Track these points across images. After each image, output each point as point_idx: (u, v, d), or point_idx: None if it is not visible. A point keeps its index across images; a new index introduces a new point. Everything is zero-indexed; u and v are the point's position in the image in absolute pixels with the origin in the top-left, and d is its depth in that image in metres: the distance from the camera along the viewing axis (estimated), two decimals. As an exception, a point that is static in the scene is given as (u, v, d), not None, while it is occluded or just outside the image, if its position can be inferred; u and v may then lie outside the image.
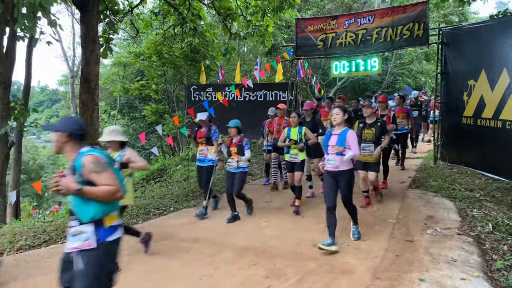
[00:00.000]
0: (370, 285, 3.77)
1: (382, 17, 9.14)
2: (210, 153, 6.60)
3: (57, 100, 61.78)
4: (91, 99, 7.98)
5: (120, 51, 20.86)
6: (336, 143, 4.79)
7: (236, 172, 6.22)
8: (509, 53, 6.94)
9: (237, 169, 6.20)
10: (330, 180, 4.86)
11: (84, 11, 7.91)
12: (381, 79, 22.87)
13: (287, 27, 17.97)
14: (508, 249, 4.37)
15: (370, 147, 6.12)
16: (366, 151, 6.10)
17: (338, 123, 4.88)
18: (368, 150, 6.12)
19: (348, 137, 4.77)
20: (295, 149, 6.41)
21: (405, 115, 9.03)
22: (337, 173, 4.79)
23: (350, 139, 4.76)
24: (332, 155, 4.83)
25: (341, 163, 4.75)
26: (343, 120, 4.87)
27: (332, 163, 4.81)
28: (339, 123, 4.87)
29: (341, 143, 4.75)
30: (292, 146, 6.41)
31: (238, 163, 6.18)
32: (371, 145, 6.12)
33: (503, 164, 7.06)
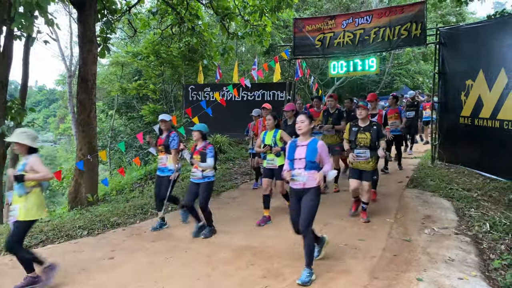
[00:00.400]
0: (368, 284, 3.77)
1: (380, 17, 9.16)
2: (169, 162, 5.98)
3: (54, 99, 61.65)
4: (88, 99, 7.97)
5: (117, 51, 20.82)
6: (305, 156, 4.09)
7: (201, 182, 5.51)
8: (507, 53, 6.97)
9: (202, 179, 5.49)
10: (295, 201, 4.16)
11: (82, 11, 7.91)
12: (379, 79, 22.88)
13: (285, 27, 17.99)
14: (506, 248, 4.38)
15: (366, 153, 5.53)
16: (361, 158, 5.55)
17: (303, 133, 4.21)
18: (363, 157, 5.55)
19: (320, 149, 4.09)
20: (272, 154, 5.98)
21: (398, 115, 8.92)
22: (302, 191, 4.08)
23: (323, 150, 4.10)
24: (299, 169, 4.09)
25: (309, 179, 4.03)
26: (309, 129, 4.25)
27: (299, 179, 4.07)
28: (305, 132, 4.20)
29: (312, 156, 4.07)
30: (268, 151, 6.00)
31: (203, 172, 5.49)
32: (367, 151, 5.53)
33: (501, 163, 7.08)
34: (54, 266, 4.19)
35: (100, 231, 6.02)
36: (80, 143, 7.97)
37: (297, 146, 4.22)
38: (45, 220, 6.94)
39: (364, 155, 5.56)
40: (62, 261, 4.60)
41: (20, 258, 4.05)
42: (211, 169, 5.52)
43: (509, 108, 6.82)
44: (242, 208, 6.92)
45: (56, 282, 4.22)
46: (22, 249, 4.13)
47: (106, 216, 6.54)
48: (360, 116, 5.62)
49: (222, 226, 5.89)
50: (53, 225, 6.23)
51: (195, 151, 5.54)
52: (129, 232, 5.89)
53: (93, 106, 8.16)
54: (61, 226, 6.13)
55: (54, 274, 4.15)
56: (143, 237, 5.65)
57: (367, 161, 5.57)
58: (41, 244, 5.61)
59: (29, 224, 4.18)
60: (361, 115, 5.62)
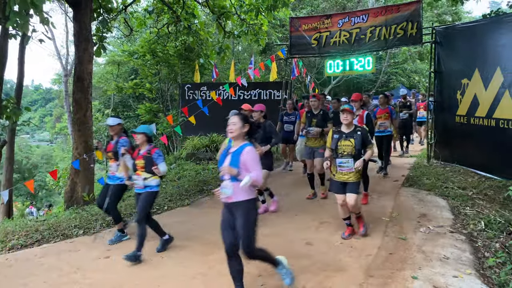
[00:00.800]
0: (363, 282, 3.78)
1: (376, 16, 9.18)
2: (119, 171, 5.41)
3: (50, 99, 61.49)
4: (84, 98, 7.95)
5: (113, 50, 20.78)
6: (229, 163, 3.55)
7: (142, 192, 4.89)
8: (502, 52, 6.99)
9: (143, 188, 4.86)
10: (226, 215, 3.65)
11: (77, 9, 7.88)
12: (375, 78, 22.97)
13: (281, 26, 18.00)
14: (500, 246, 4.40)
15: (349, 162, 4.82)
16: (344, 168, 4.87)
17: (235, 137, 3.62)
18: (346, 167, 4.86)
19: (245, 155, 3.50)
20: None
21: (388, 115, 8.36)
22: (231, 205, 3.58)
23: (248, 157, 3.49)
24: (226, 181, 3.57)
25: (236, 192, 3.50)
26: (241, 133, 3.62)
27: (225, 192, 3.55)
28: (236, 136, 3.62)
29: (234, 164, 3.52)
30: None
31: (145, 181, 4.85)
32: (350, 160, 4.82)
33: (496, 162, 7.12)
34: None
35: (96, 230, 6.01)
36: (76, 142, 7.94)
37: (228, 153, 3.68)
38: (41, 219, 6.94)
39: (347, 165, 4.85)
40: (58, 260, 4.60)
41: None
42: (156, 178, 4.90)
43: (505, 107, 6.84)
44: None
45: (52, 281, 4.22)
46: None
47: (102, 215, 6.52)
48: (345, 122, 4.90)
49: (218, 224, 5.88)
50: (49, 224, 6.21)
51: (138, 156, 4.93)
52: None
53: (89, 105, 8.13)
54: (57, 225, 6.12)
55: None
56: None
57: (350, 172, 4.86)
58: (37, 243, 5.60)
59: None
60: (346, 119, 4.88)
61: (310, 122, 6.91)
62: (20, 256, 5.18)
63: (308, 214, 6.08)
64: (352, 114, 4.91)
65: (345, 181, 4.89)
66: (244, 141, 3.66)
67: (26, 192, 23.61)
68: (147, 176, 4.84)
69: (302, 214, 6.14)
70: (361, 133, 4.87)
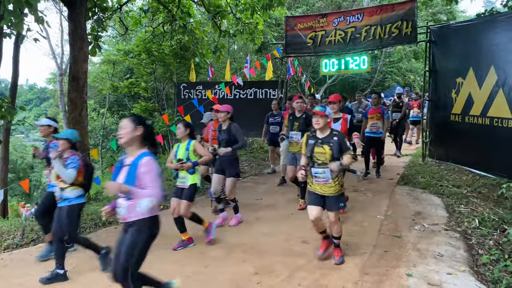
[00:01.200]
0: (359, 280, 3.80)
1: (371, 15, 9.21)
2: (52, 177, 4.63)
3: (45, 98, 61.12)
4: (79, 97, 7.92)
5: (109, 49, 20.70)
6: (124, 178, 2.98)
7: (61, 206, 4.29)
8: (496, 51, 7.04)
9: (62, 201, 4.28)
10: (120, 238, 3.19)
11: (72, 8, 7.84)
12: (370, 77, 23.02)
13: (277, 25, 17.99)
14: (494, 244, 4.44)
15: (325, 173, 4.08)
16: (320, 179, 4.12)
17: (126, 143, 3.05)
18: (322, 178, 4.11)
19: (141, 168, 2.94)
20: (184, 171, 4.92)
21: (380, 116, 7.94)
22: (126, 226, 3.10)
23: (145, 170, 2.93)
24: (121, 199, 3.05)
25: (130, 211, 3.01)
26: (133, 138, 3.06)
27: (120, 211, 3.08)
28: (128, 142, 3.05)
29: (129, 180, 2.94)
30: (180, 168, 4.93)
31: (62, 192, 4.26)
32: (326, 170, 4.08)
33: (491, 161, 7.16)
34: None
35: (92, 230, 6.01)
36: (71, 142, 7.91)
37: (123, 166, 3.11)
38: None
39: (323, 176, 4.12)
40: (53, 259, 4.58)
41: None
42: (76, 188, 4.34)
43: (499, 105, 6.89)
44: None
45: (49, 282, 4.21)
46: None
47: (98, 214, 6.51)
48: (317, 126, 4.15)
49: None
50: (44, 224, 6.19)
51: None
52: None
53: (85, 104, 8.10)
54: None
55: None
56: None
57: (328, 184, 4.15)
58: (32, 243, 5.59)
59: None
60: (318, 124, 4.14)
61: (292, 125, 6.43)
62: (15, 256, 5.17)
63: (303, 213, 6.08)
64: (325, 118, 4.16)
65: (323, 194, 4.17)
66: (141, 149, 3.10)
67: (21, 192, 23.47)
68: (64, 186, 4.27)
69: (297, 213, 6.17)
70: (338, 139, 4.10)
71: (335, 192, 4.15)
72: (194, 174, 4.95)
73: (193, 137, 5.11)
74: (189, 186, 4.91)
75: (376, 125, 7.91)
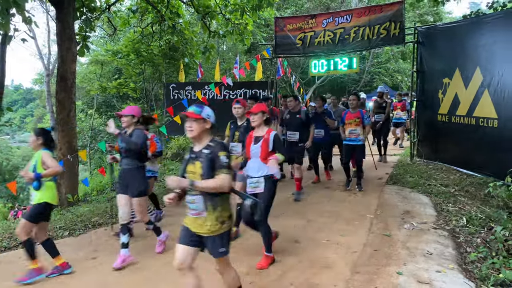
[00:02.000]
0: (350, 279, 3.84)
1: (360, 16, 9.28)
2: None
3: (31, 99, 60.44)
4: (68, 98, 7.86)
5: (97, 49, 20.54)
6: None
7: None
8: (482, 52, 7.15)
9: None
10: None
11: (60, 8, 7.78)
12: (358, 77, 23.22)
13: (266, 25, 18.05)
14: (481, 241, 4.51)
15: (197, 202, 2.92)
16: (193, 211, 2.98)
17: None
18: (193, 209, 2.96)
19: None
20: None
21: (359, 121, 7.07)
22: None
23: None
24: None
25: None
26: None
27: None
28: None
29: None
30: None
31: None
32: (198, 199, 2.91)
33: (477, 160, 7.29)
34: None
35: (82, 232, 5.96)
36: (59, 143, 7.84)
37: None
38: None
39: (195, 207, 2.95)
40: (43, 262, 4.54)
41: None
42: None
43: (484, 105, 7.00)
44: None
45: (37, 283, 4.17)
46: None
47: (87, 216, 6.47)
48: (190, 134, 2.99)
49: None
50: (33, 226, 6.12)
51: None
52: (112, 232, 5.83)
53: (73, 105, 8.05)
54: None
55: None
56: (126, 236, 5.61)
57: (201, 218, 2.94)
58: (21, 245, 5.51)
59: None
60: (191, 131, 2.97)
61: (232, 135, 5.54)
62: (3, 259, 5.11)
63: (294, 213, 6.14)
64: (201, 122, 2.95)
65: (198, 233, 2.98)
66: None
67: (7, 194, 23.17)
68: None
69: (288, 213, 6.20)
70: (210, 152, 2.92)
71: (211, 232, 2.93)
72: (40, 191, 4.17)
73: (49, 147, 4.35)
74: (33, 205, 4.18)
75: (355, 131, 7.04)
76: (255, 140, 4.40)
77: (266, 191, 4.25)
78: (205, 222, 2.94)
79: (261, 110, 4.40)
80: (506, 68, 6.55)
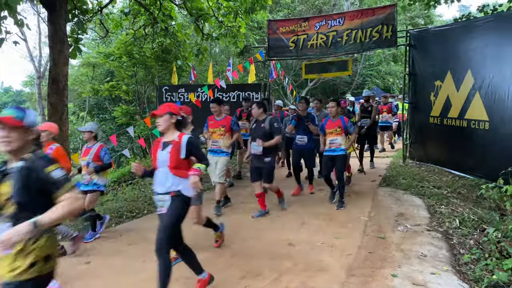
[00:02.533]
0: (345, 282, 3.85)
1: (352, 19, 9.33)
2: None
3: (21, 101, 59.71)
4: (60, 101, 7.79)
5: (89, 52, 20.42)
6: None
7: None
8: (473, 55, 7.23)
9: None
10: None
11: (52, 11, 7.72)
12: (351, 80, 23.34)
13: (259, 28, 18.09)
14: (474, 243, 4.56)
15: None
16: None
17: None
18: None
19: None
20: None
21: (341, 130, 6.41)
22: None
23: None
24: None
25: None
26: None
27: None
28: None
29: None
30: None
31: None
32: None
33: (468, 162, 7.35)
34: None
35: (75, 236, 5.89)
36: (51, 146, 7.77)
37: None
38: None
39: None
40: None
41: None
42: None
43: (476, 108, 7.08)
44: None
45: None
46: None
47: (80, 220, 6.41)
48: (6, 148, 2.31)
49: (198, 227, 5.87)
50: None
51: None
52: (104, 236, 5.79)
53: (65, 108, 7.98)
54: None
55: None
56: (119, 240, 5.58)
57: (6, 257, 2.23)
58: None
59: None
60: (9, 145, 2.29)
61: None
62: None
63: (289, 215, 6.14)
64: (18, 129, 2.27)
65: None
66: None
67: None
68: None
69: (283, 215, 6.20)
70: (24, 169, 2.24)
71: (13, 277, 2.19)
72: None
73: None
74: None
75: (336, 141, 6.42)
76: (163, 146, 3.64)
77: (170, 212, 3.48)
78: (9, 261, 2.20)
79: (167, 112, 3.64)
80: (496, 70, 6.62)
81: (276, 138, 6.00)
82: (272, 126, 6.01)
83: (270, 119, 6.12)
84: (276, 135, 5.99)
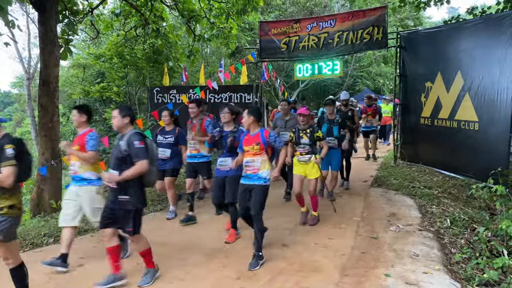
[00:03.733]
0: (339, 282, 3.88)
1: (343, 21, 9.39)
2: None
3: (9, 103, 59.04)
4: (51, 102, 7.72)
5: (79, 53, 20.25)
6: None
7: None
8: (463, 57, 7.33)
9: None
10: None
11: (42, 12, 7.65)
12: (341, 81, 23.47)
13: (250, 29, 18.10)
14: (465, 242, 4.62)
15: None
16: None
17: None
18: None
19: None
20: None
21: (259, 148, 4.60)
22: None
23: None
24: None
25: None
26: None
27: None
28: None
29: None
30: None
31: None
32: None
33: (459, 162, 7.45)
34: None
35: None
36: (42, 148, 7.69)
37: None
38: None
39: None
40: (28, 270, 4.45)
41: None
42: None
43: (465, 109, 7.17)
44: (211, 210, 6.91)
45: None
46: None
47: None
48: None
49: (192, 229, 5.87)
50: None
51: None
52: (97, 238, 5.75)
53: (56, 109, 7.90)
54: (25, 234, 5.91)
55: None
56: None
57: None
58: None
59: None
60: None
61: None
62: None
63: (282, 217, 6.16)
64: None
65: None
66: None
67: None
68: None
69: (276, 217, 6.21)
70: None
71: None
72: None
73: None
74: None
75: (253, 164, 4.64)
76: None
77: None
78: None
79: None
80: (486, 72, 6.73)
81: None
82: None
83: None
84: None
